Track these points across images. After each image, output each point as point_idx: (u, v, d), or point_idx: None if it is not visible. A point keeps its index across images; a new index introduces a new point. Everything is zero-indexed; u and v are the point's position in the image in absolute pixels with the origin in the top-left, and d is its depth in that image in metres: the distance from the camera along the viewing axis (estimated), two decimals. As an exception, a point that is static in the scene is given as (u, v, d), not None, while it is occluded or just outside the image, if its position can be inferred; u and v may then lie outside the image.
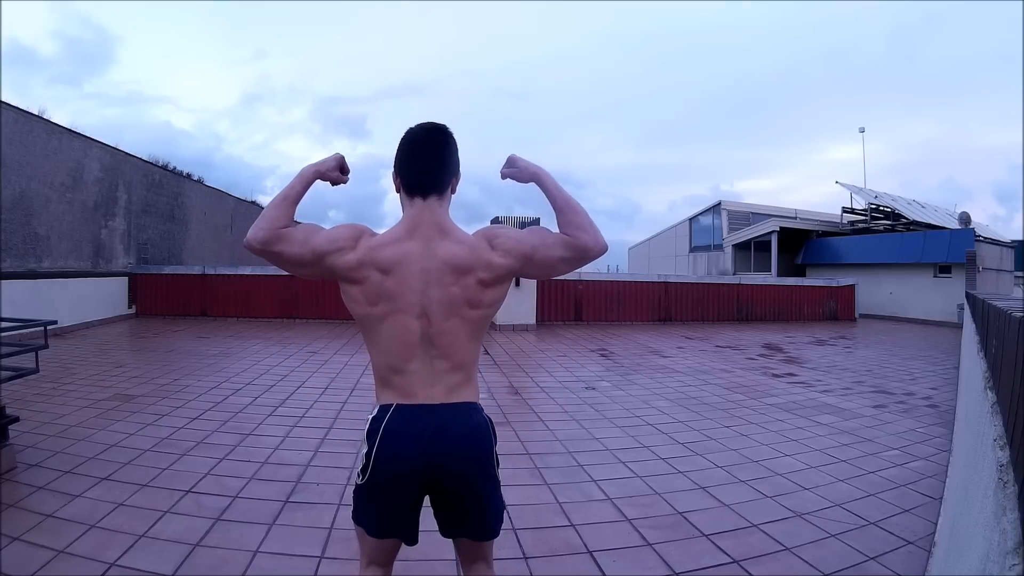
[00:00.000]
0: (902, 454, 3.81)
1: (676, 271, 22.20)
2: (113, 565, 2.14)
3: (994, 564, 0.93)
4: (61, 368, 5.88)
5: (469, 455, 1.27)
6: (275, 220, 1.29)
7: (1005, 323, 1.59)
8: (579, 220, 1.31)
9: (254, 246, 1.28)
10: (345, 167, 1.42)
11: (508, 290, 1.37)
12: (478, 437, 1.29)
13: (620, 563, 2.31)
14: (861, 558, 2.37)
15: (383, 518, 1.29)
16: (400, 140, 1.35)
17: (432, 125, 1.35)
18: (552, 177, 1.39)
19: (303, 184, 1.36)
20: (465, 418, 1.29)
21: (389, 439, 1.24)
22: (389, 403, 1.28)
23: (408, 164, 1.33)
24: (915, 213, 18.52)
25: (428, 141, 1.33)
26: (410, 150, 1.34)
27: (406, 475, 1.25)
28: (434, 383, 1.27)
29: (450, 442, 1.25)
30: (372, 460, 1.25)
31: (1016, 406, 1.13)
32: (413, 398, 1.27)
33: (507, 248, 1.30)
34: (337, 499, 2.82)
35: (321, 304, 11.31)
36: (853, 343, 10.35)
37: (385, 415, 1.26)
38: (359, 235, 1.30)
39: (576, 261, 1.32)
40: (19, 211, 8.37)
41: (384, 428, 1.25)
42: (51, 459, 3.23)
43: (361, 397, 5.04)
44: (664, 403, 5.14)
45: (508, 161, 1.45)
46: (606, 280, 12.92)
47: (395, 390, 1.28)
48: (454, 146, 1.36)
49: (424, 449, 1.24)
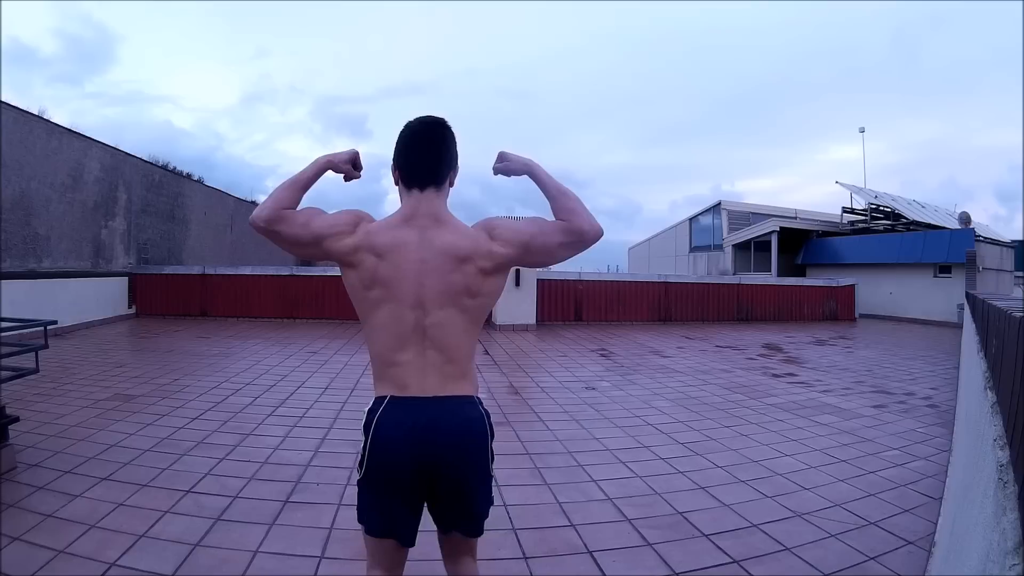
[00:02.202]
0: (902, 454, 3.81)
1: (676, 271, 22.17)
2: (113, 565, 2.14)
3: (994, 564, 0.93)
4: (61, 368, 5.88)
5: (461, 449, 1.28)
6: (280, 201, 1.32)
7: (1005, 323, 1.59)
8: (572, 205, 1.33)
9: (258, 224, 1.32)
10: (358, 163, 1.45)
11: (506, 282, 1.38)
12: (471, 431, 1.30)
13: (620, 563, 2.31)
14: (861, 558, 2.37)
15: (379, 514, 1.30)
16: (399, 133, 1.37)
17: (431, 118, 1.36)
18: (542, 167, 1.41)
19: (314, 171, 1.38)
20: (458, 411, 1.29)
21: (382, 430, 1.26)
22: (384, 395, 1.30)
23: (407, 156, 1.35)
24: (915, 213, 18.52)
25: (427, 134, 1.35)
26: (409, 143, 1.35)
27: (398, 467, 1.26)
28: (427, 375, 1.28)
29: (442, 436, 1.26)
30: (367, 453, 1.28)
31: (1016, 406, 1.13)
32: (406, 390, 1.28)
33: (506, 238, 1.32)
34: (337, 499, 2.81)
35: (321, 304, 11.31)
36: (853, 343, 10.35)
37: (379, 407, 1.28)
38: (358, 220, 1.33)
39: (574, 246, 1.33)
40: (19, 211, 8.37)
41: (377, 420, 1.27)
42: (51, 459, 3.23)
43: (361, 397, 5.04)
44: (664, 403, 5.14)
45: (498, 157, 1.47)
46: (606, 280, 12.92)
47: (389, 382, 1.30)
48: (452, 139, 1.37)
49: (416, 442, 1.25)
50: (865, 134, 23.05)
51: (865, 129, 23.50)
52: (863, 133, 23.14)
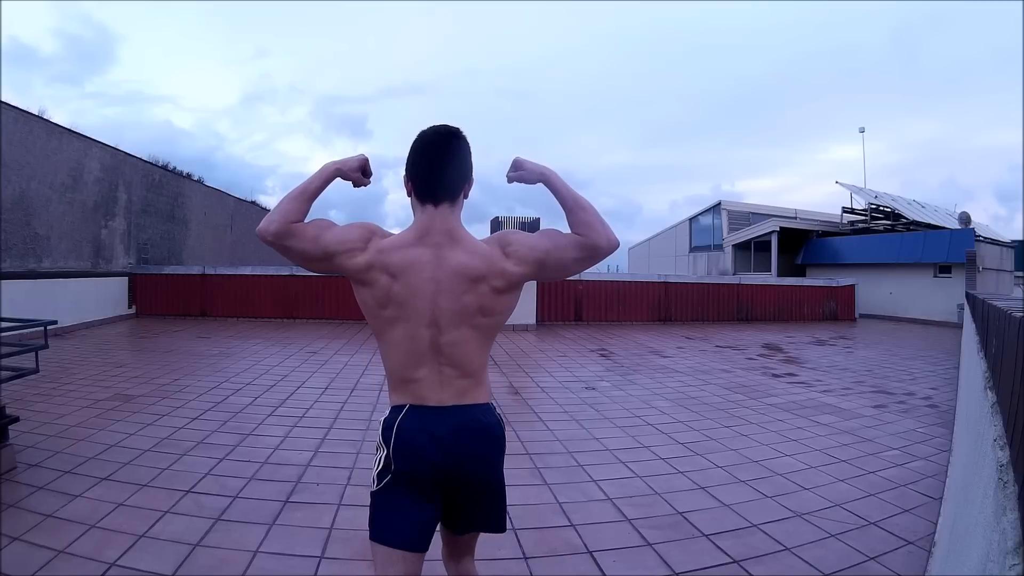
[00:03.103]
0: (902, 454, 3.81)
1: (676, 271, 22.19)
2: (113, 565, 2.14)
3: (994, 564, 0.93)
4: (61, 368, 5.88)
5: (483, 454, 1.29)
6: (288, 213, 1.28)
7: (1005, 323, 1.59)
8: (589, 218, 1.29)
9: (266, 237, 1.28)
10: (368, 169, 1.41)
11: (520, 295, 1.35)
12: (490, 437, 1.31)
13: (620, 563, 2.31)
14: (861, 558, 2.37)
15: (405, 522, 1.25)
16: (412, 143, 1.32)
17: (446, 129, 1.31)
18: (559, 176, 1.38)
19: (322, 180, 1.34)
20: (478, 418, 1.29)
21: (405, 434, 1.25)
22: (402, 404, 1.28)
23: (420, 169, 1.30)
24: (915, 213, 18.52)
25: (442, 146, 1.30)
26: (423, 155, 1.30)
27: (423, 472, 1.25)
28: (444, 388, 1.28)
29: (465, 442, 1.26)
30: (391, 460, 1.25)
31: (1016, 406, 1.13)
32: (424, 401, 1.27)
33: (521, 255, 1.29)
34: (337, 499, 2.81)
35: (321, 304, 11.31)
36: (853, 343, 10.35)
37: (399, 415, 1.27)
38: (370, 236, 1.29)
39: (589, 260, 1.31)
40: (19, 211, 8.37)
41: (399, 426, 1.26)
42: (51, 459, 3.23)
43: (361, 397, 5.04)
44: (664, 403, 5.14)
45: (514, 164, 1.43)
46: (606, 280, 12.92)
47: (407, 395, 1.29)
48: (468, 151, 1.32)
49: (438, 448, 1.24)
50: (865, 134, 23.07)
51: (865, 129, 23.52)
52: (863, 133, 23.18)
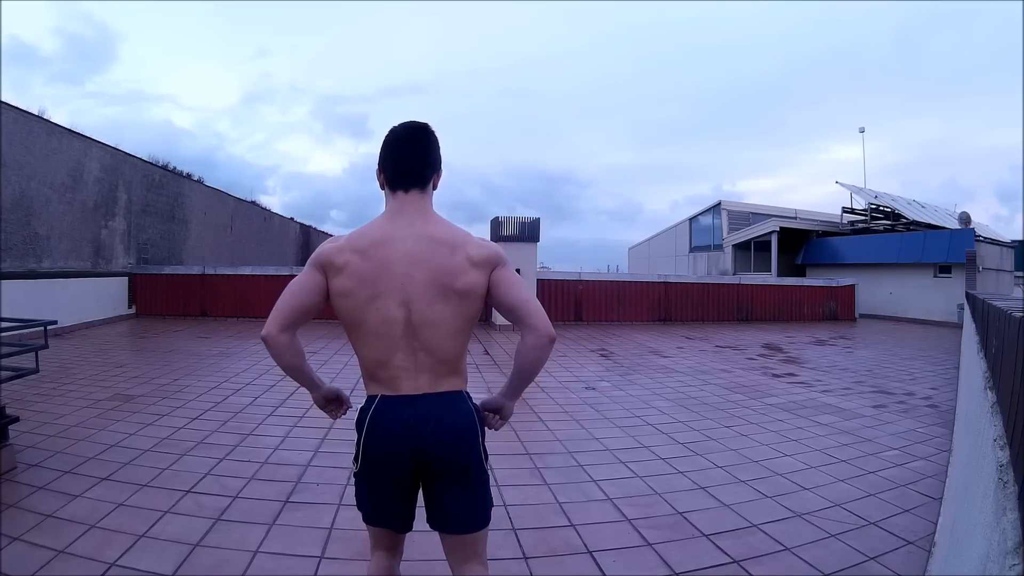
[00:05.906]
0: (902, 454, 3.81)
1: (676, 271, 22.18)
2: (113, 565, 2.14)
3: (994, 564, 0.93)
4: (61, 368, 5.88)
5: (453, 444, 1.31)
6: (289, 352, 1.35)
7: (1005, 323, 1.59)
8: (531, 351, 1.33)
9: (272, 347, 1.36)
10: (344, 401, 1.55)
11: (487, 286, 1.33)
12: (460, 423, 1.33)
13: (620, 563, 2.31)
14: (861, 558, 2.37)
15: (372, 506, 1.38)
16: (384, 138, 1.40)
17: (414, 123, 1.39)
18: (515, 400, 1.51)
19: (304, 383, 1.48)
20: (449, 407, 1.32)
21: (375, 427, 1.31)
22: (375, 394, 1.34)
23: (391, 160, 1.37)
24: (915, 213, 18.52)
25: (410, 138, 1.38)
26: (393, 147, 1.38)
27: (392, 463, 1.31)
28: (418, 375, 1.31)
29: (434, 431, 1.29)
30: (362, 449, 1.34)
31: (1016, 406, 1.13)
32: (398, 390, 1.31)
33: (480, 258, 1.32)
34: (337, 499, 2.82)
35: (321, 304, 11.31)
36: (853, 343, 10.35)
37: (371, 405, 1.33)
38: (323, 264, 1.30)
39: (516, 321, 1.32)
40: (19, 211, 8.36)
41: (371, 417, 1.32)
42: (51, 459, 3.23)
43: (361, 397, 5.02)
44: (664, 403, 5.14)
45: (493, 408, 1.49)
46: (606, 280, 12.93)
47: (380, 383, 1.34)
48: (435, 142, 1.40)
49: (407, 435, 1.28)
50: (866, 134, 23.11)
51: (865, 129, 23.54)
52: (863, 133, 23.20)
